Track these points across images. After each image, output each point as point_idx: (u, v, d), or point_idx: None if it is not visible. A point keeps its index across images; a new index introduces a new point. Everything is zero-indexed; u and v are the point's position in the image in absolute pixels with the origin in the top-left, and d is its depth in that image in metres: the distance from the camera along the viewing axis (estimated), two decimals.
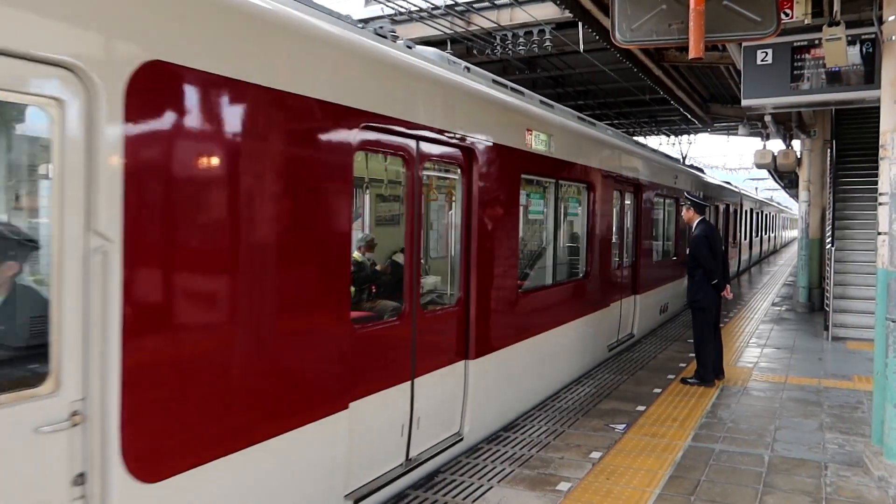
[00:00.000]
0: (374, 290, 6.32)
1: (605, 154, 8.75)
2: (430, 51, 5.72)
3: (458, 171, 5.42)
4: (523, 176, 6.44)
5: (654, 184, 11.22)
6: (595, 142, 8.52)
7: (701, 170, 19.02)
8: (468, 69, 6.00)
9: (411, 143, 4.75)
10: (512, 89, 6.67)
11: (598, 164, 8.44)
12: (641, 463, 5.34)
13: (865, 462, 5.37)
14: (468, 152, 5.39)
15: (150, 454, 2.89)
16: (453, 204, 5.68)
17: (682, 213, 8.46)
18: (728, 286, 8.09)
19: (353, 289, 6.69)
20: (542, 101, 7.43)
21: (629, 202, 10.32)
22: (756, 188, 44.35)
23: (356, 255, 6.72)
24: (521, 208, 6.76)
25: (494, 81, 6.37)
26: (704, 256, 7.78)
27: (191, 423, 3.11)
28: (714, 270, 7.80)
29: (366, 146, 4.36)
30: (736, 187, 24.26)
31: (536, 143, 6.53)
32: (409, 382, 4.74)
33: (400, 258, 6.91)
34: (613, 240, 9.34)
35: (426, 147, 4.90)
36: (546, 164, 6.94)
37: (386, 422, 4.54)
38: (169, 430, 3.00)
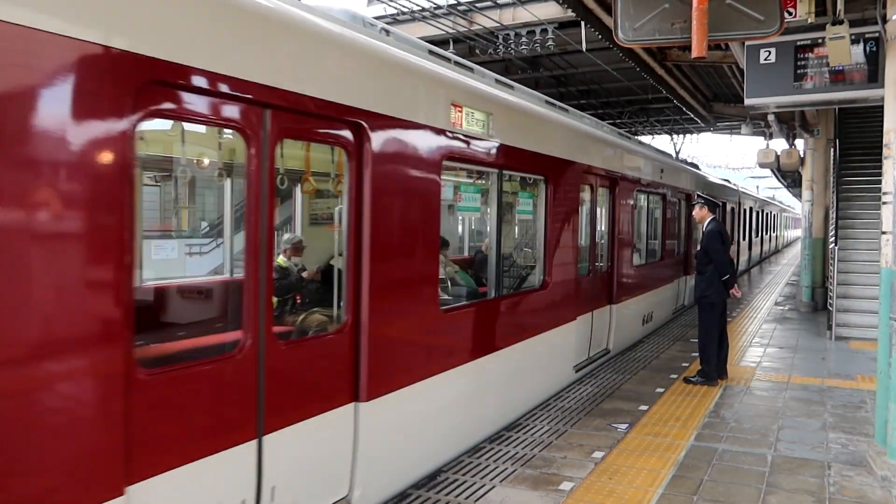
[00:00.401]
0: (298, 301, 5.42)
1: (570, 142, 7.49)
2: (337, 8, 4.62)
3: (344, 152, 4.18)
4: (447, 163, 5.13)
5: (635, 178, 10.01)
6: (556, 127, 7.30)
7: (696, 165, 18.02)
8: (386, 32, 4.97)
9: (254, 111, 3.46)
10: (456, 63, 5.69)
11: (561, 154, 7.17)
12: (644, 462, 5.33)
13: (869, 462, 5.36)
14: (358, 129, 4.15)
15: None
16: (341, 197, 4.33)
17: (694, 212, 8.43)
18: (736, 285, 8.12)
19: (275, 299, 5.05)
20: (497, 80, 6.42)
21: (603, 198, 9.06)
22: (757, 186, 44.03)
23: (280, 259, 5.67)
24: (446, 204, 5.64)
25: (431, 53, 5.38)
26: (717, 250, 7.85)
27: None
28: (726, 266, 7.88)
29: (163, 112, 3.14)
30: (735, 185, 22.89)
31: (468, 122, 5.32)
32: (254, 441, 3.50)
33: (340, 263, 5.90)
34: (582, 242, 8.20)
35: (284, 119, 3.64)
36: (483, 150, 5.62)
37: (209, 502, 3.29)
38: None
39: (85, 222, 2.67)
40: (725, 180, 21.86)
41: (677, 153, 23.57)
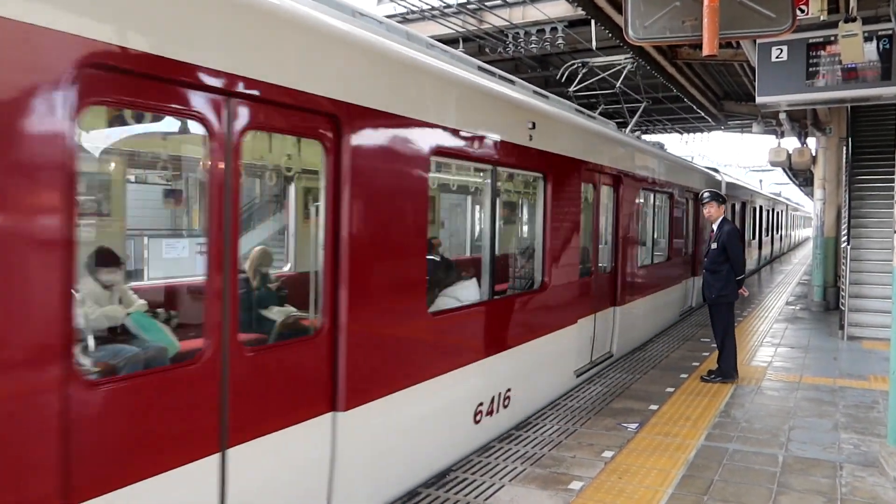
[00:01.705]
0: None
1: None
2: None
3: None
4: None
5: (469, 138, 5.26)
6: None
7: (661, 145, 13.34)
8: None
9: None
10: None
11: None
12: (654, 462, 5.32)
13: (881, 462, 5.32)
14: None
15: None
16: None
17: (705, 211, 8.31)
18: (743, 285, 8.14)
19: None
20: None
21: (336, 168, 4.02)
22: (760, 181, 42.70)
23: None
24: None
25: None
26: (737, 251, 7.87)
27: None
28: (744, 266, 7.94)
29: None
30: (721, 175, 17.11)
31: None
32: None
33: None
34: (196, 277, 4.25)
35: None
36: None
37: None
38: None
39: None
40: (713, 169, 17.30)
41: (638, 134, 15.40)
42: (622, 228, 8.98)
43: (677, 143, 26.66)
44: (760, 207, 24.14)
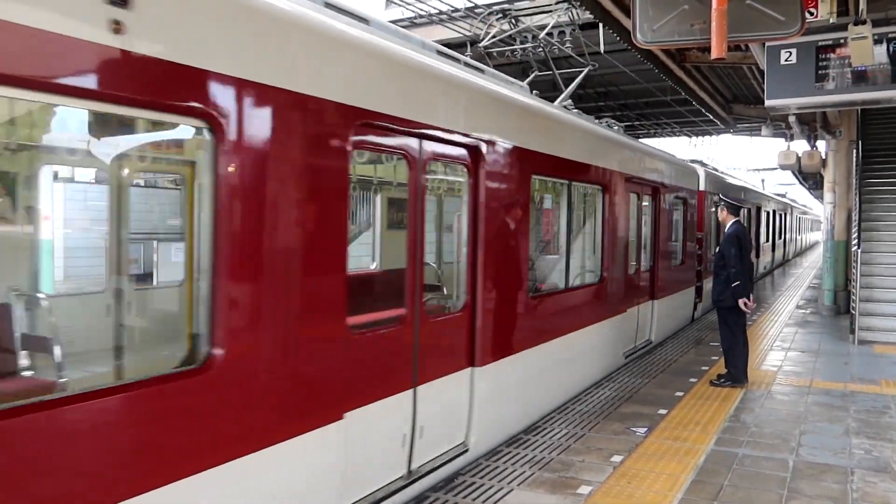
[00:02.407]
0: None
1: None
2: None
3: None
4: None
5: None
6: None
7: (610, 125, 9.86)
8: None
9: None
10: None
11: None
12: (663, 467, 5.29)
13: (893, 468, 5.28)
14: None
15: None
16: None
17: (718, 215, 8.44)
18: (751, 296, 7.86)
19: None
20: None
21: None
22: (762, 180, 41.87)
23: None
24: None
25: None
26: (731, 255, 7.81)
27: None
28: (739, 272, 7.78)
29: None
30: (704, 169, 14.20)
31: None
32: None
33: None
34: None
35: None
36: None
37: None
38: None
39: None
40: (699, 163, 14.76)
41: (595, 116, 11.14)
42: (488, 238, 5.38)
43: (686, 146, 26.55)
44: (758, 209, 20.40)
